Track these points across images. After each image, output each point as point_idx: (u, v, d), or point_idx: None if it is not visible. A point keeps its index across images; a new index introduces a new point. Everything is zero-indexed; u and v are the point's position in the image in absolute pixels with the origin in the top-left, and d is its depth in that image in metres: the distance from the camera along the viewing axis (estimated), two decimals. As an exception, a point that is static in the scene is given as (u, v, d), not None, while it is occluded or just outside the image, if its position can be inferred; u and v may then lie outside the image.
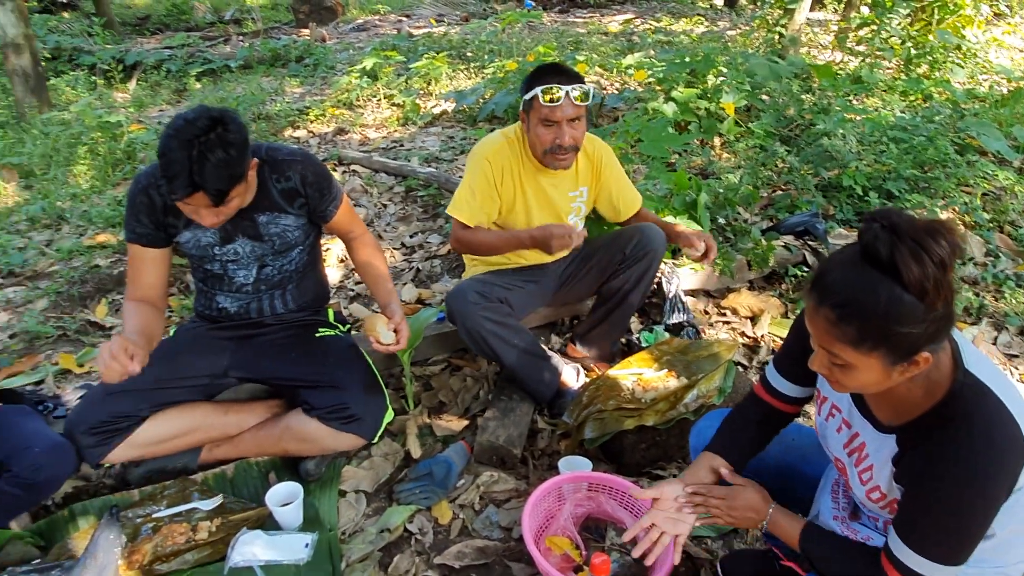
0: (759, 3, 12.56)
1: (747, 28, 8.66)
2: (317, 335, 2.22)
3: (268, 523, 1.99)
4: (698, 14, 10.92)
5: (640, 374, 2.32)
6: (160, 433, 2.05)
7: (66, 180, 4.59)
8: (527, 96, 2.20)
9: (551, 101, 2.12)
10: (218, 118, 1.70)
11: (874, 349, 1.10)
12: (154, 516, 1.98)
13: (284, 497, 2.00)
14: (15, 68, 5.61)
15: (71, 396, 2.34)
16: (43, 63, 6.06)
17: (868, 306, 1.07)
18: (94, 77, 7.06)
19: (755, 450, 1.57)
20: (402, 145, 5.09)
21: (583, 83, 2.17)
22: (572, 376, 2.49)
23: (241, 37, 9.57)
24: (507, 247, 2.31)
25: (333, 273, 3.40)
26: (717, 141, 4.63)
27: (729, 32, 8.90)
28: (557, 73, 2.17)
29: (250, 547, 1.89)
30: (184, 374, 2.11)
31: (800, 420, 2.26)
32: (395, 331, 2.02)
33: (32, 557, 1.84)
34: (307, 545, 1.91)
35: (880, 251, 1.05)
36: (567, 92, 2.13)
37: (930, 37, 6.47)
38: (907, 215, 1.08)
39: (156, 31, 10.45)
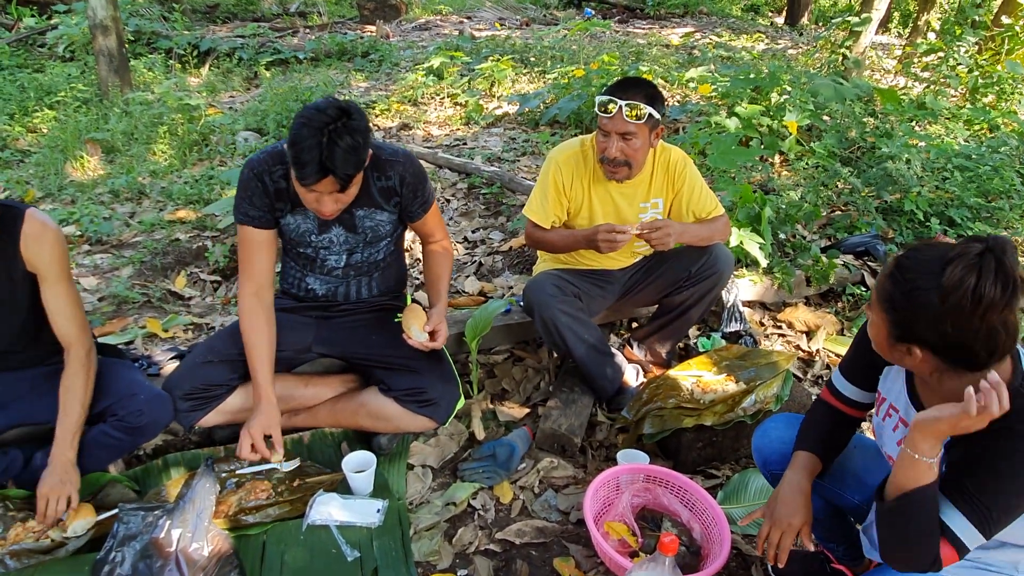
0: (822, 23, 12.49)
1: (809, 48, 8.65)
2: (396, 320, 2.34)
3: (341, 488, 2.12)
4: (759, 31, 10.90)
5: (700, 376, 2.40)
6: (247, 402, 2.17)
7: (146, 157, 4.82)
8: (596, 106, 2.27)
9: (604, 112, 2.21)
10: (345, 108, 1.81)
11: (887, 313, 1.27)
12: (238, 472, 2.13)
13: (358, 464, 2.12)
14: (102, 48, 5.88)
15: (161, 357, 2.50)
16: (126, 45, 6.34)
17: (907, 279, 1.21)
18: (171, 61, 7.35)
19: (839, 449, 1.64)
20: (465, 143, 5.22)
21: (648, 103, 2.17)
22: (633, 375, 2.58)
23: (307, 30, 9.84)
24: (565, 245, 2.40)
25: (399, 261, 3.54)
26: (777, 158, 4.68)
27: (790, 51, 8.89)
28: (624, 88, 2.21)
29: (327, 507, 2.02)
30: (270, 346, 2.24)
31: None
32: (431, 332, 2.11)
33: (129, 499, 2.00)
34: (379, 511, 2.03)
35: (956, 253, 1.16)
36: (621, 106, 2.17)
37: (998, 67, 6.40)
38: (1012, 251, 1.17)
39: (225, 19, 10.78)
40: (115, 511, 1.88)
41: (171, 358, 2.48)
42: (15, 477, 2.03)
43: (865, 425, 2.45)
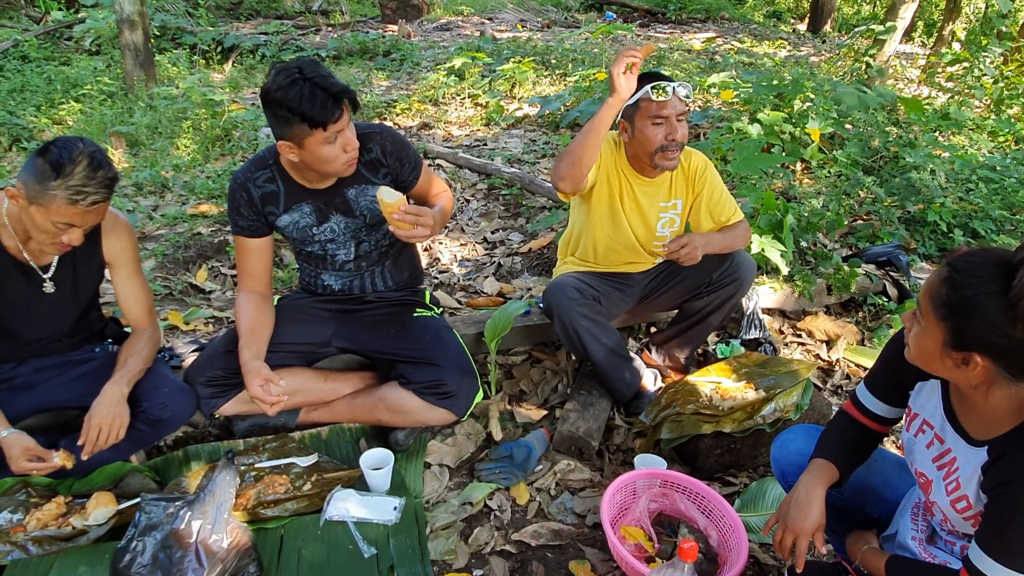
0: (844, 31, 12.41)
1: (832, 55, 8.59)
2: (415, 314, 2.36)
3: (358, 484, 2.13)
4: (781, 38, 10.85)
5: (719, 383, 2.39)
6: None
7: (169, 151, 4.87)
8: (631, 101, 2.24)
9: (656, 98, 2.20)
10: (294, 62, 1.88)
11: (943, 320, 1.21)
12: (256, 466, 2.14)
13: (376, 461, 2.13)
14: (128, 43, 5.95)
15: (183, 349, 2.52)
16: (152, 40, 6.40)
17: (968, 284, 1.17)
18: (195, 56, 7.42)
19: (858, 462, 1.62)
20: (485, 144, 5.24)
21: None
22: (651, 380, 2.58)
23: (330, 28, 9.90)
24: (592, 128, 2.12)
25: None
26: (799, 166, 4.65)
27: (812, 58, 8.84)
28: (659, 76, 2.25)
29: (344, 503, 2.03)
30: (290, 340, 2.26)
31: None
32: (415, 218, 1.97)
33: (150, 489, 2.02)
34: (395, 508, 2.04)
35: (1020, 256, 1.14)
36: (674, 88, 2.21)
37: (1024, 79, 6.34)
38: None
39: (249, 17, 10.87)
40: (136, 500, 1.90)
41: (193, 350, 2.50)
42: (38, 464, 2.05)
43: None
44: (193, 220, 3.87)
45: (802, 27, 13.56)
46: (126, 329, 2.19)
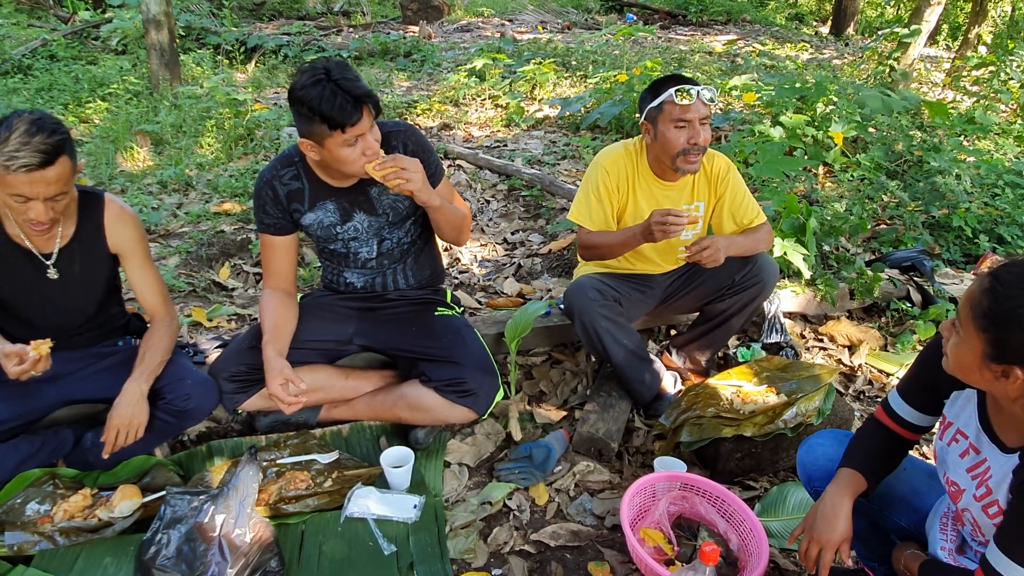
0: (868, 34, 12.29)
1: (855, 58, 8.52)
2: (436, 313, 2.37)
3: (378, 482, 2.14)
4: (803, 40, 10.76)
5: (740, 386, 2.38)
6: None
7: (193, 150, 4.92)
8: (654, 103, 2.26)
9: (680, 101, 2.20)
10: (324, 63, 1.90)
11: (984, 331, 1.19)
12: (278, 462, 2.17)
13: (396, 460, 2.15)
14: (154, 43, 6.02)
15: (207, 346, 2.55)
16: (177, 40, 6.48)
17: (1011, 296, 1.15)
18: (219, 56, 7.50)
19: (888, 470, 1.61)
20: (505, 145, 5.24)
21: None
22: (670, 382, 2.57)
23: (351, 29, 9.96)
24: (621, 242, 2.32)
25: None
26: (821, 169, 4.61)
27: (835, 61, 8.76)
28: (683, 79, 2.25)
29: (365, 501, 2.04)
30: (313, 337, 2.28)
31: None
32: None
33: (174, 483, 2.04)
34: (415, 506, 2.05)
35: None
36: (698, 92, 2.21)
37: (1053, 83, 6.25)
38: None
39: (271, 17, 10.97)
40: (162, 493, 1.93)
41: (216, 347, 2.53)
42: (65, 456, 2.09)
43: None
44: (216, 218, 3.91)
45: (824, 30, 13.45)
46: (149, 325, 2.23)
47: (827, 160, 4.50)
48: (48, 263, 1.95)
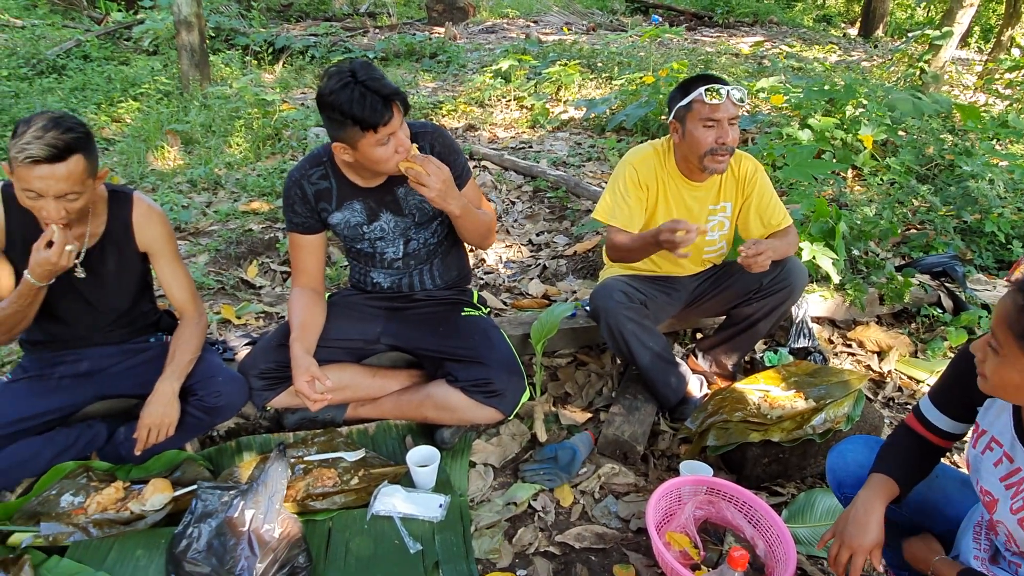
0: (897, 36, 12.13)
1: (885, 61, 8.41)
2: (463, 314, 2.38)
3: (404, 480, 2.16)
4: (831, 42, 10.65)
5: (767, 391, 2.36)
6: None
7: (222, 149, 4.99)
8: (684, 101, 2.25)
9: (709, 100, 2.18)
10: (346, 64, 1.91)
11: None
12: (305, 459, 2.18)
13: (423, 459, 2.16)
14: (184, 44, 6.10)
15: (236, 343, 2.58)
16: (207, 41, 6.57)
17: None
18: (247, 57, 7.58)
19: (920, 477, 1.59)
20: (530, 146, 5.25)
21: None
22: (696, 386, 2.55)
23: (377, 30, 10.03)
24: (640, 248, 2.31)
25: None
26: (850, 173, 4.56)
27: (864, 63, 8.66)
28: (713, 78, 2.24)
29: (391, 499, 2.06)
30: (341, 336, 2.30)
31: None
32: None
33: (204, 477, 2.07)
34: (441, 506, 2.06)
35: None
36: (728, 92, 2.19)
37: (1089, 86, 6.12)
38: None
39: (299, 19, 11.08)
40: (192, 488, 1.96)
41: (245, 344, 2.56)
42: (99, 449, 2.13)
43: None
44: (244, 217, 3.96)
45: (853, 31, 13.30)
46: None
47: (856, 163, 4.45)
48: (76, 261, 1.96)
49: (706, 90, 2.19)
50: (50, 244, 1.77)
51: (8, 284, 1.93)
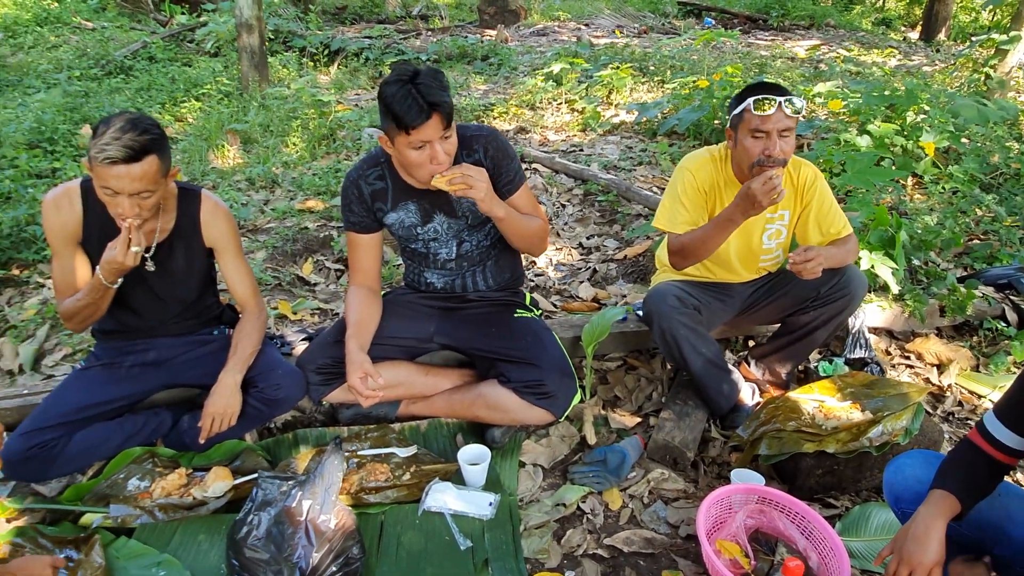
0: (960, 40, 11.75)
1: (947, 66, 8.17)
2: (516, 315, 2.40)
3: (455, 478, 2.19)
4: (890, 46, 10.37)
5: (822, 401, 2.32)
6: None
7: (279, 148, 5.11)
8: (737, 110, 2.23)
9: (760, 111, 2.15)
10: (416, 66, 1.94)
11: None
12: (359, 453, 2.23)
13: (473, 457, 2.19)
14: (245, 45, 6.28)
15: (293, 338, 2.65)
16: (266, 43, 6.74)
17: None
18: (304, 59, 7.75)
19: (983, 494, 1.55)
20: (581, 150, 5.25)
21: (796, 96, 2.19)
22: (749, 394, 2.53)
23: (430, 32, 10.14)
24: (715, 232, 2.23)
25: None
26: (910, 181, 4.45)
27: (925, 68, 8.42)
28: (770, 87, 2.20)
29: (442, 495, 2.09)
30: (395, 334, 2.35)
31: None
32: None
33: (262, 467, 2.13)
34: (491, 504, 2.08)
35: None
36: (780, 103, 2.14)
37: None
38: None
39: (353, 21, 11.28)
40: (252, 476, 2.03)
41: (302, 339, 2.63)
42: (164, 436, 2.22)
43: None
44: (300, 215, 4.05)
45: (913, 35, 12.91)
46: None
47: (917, 171, 4.33)
48: (146, 256, 2.05)
49: (755, 100, 2.16)
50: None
51: (84, 275, 2.02)
